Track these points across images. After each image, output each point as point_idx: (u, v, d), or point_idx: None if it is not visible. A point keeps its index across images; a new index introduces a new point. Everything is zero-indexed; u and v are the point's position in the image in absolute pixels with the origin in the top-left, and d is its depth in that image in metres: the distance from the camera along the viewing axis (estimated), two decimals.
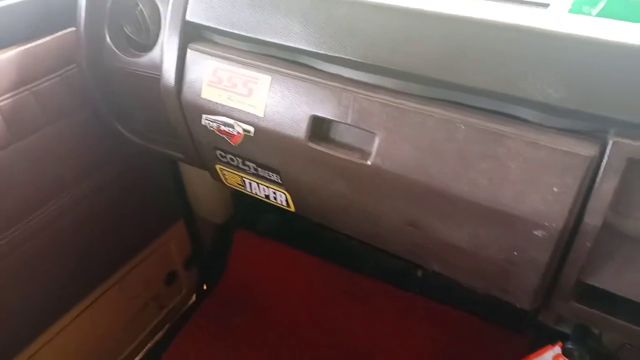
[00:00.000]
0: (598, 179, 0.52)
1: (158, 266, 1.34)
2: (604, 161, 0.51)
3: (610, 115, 0.51)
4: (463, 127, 0.57)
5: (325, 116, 0.66)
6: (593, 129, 0.53)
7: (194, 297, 1.52)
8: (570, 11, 0.62)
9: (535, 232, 0.56)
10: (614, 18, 0.60)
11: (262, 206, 0.96)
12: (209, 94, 0.74)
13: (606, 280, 0.58)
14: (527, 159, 0.55)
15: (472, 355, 1.18)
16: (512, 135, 0.55)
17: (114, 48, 0.86)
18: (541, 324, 0.76)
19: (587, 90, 0.51)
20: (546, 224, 0.55)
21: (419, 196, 0.63)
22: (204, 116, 0.75)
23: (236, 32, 0.70)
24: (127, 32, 0.85)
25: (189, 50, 0.75)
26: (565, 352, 0.67)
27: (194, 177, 1.26)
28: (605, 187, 0.52)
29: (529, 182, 0.55)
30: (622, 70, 0.50)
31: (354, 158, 0.65)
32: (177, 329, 1.38)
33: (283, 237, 1.46)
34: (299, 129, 0.68)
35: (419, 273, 1.31)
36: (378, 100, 0.62)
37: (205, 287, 1.56)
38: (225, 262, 1.49)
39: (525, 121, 0.56)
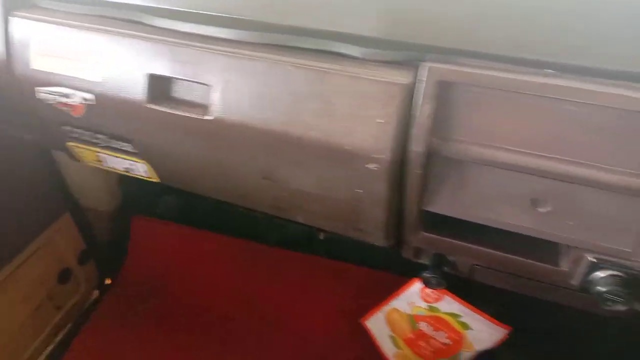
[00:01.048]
0: (416, 106, 0.54)
1: (47, 264, 1.26)
2: (418, 87, 0.53)
3: (421, 42, 0.53)
4: (291, 68, 0.57)
5: (162, 74, 0.63)
6: (409, 58, 0.55)
7: (96, 294, 1.45)
8: None
9: (369, 166, 0.58)
10: None
11: (156, 188, 0.93)
12: (40, 63, 0.69)
13: (443, 205, 0.61)
14: (350, 94, 0.55)
15: (372, 305, 1.22)
16: (335, 71, 0.56)
17: None
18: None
19: (399, 21, 0.53)
20: (376, 156, 0.56)
21: (264, 145, 0.62)
22: (37, 89, 0.70)
23: None
24: None
25: (11, 19, 0.69)
26: (423, 281, 0.70)
27: (71, 165, 1.19)
28: (424, 113, 0.53)
29: (355, 117, 0.56)
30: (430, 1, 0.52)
31: (196, 114, 0.63)
32: (79, 328, 1.31)
33: (184, 218, 1.42)
34: (138, 90, 0.65)
35: (321, 236, 1.33)
36: (211, 51, 0.60)
37: (109, 282, 1.49)
38: (126, 252, 1.43)
39: (349, 57, 0.57)
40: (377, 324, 1.00)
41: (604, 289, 0.57)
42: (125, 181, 1.32)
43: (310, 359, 1.21)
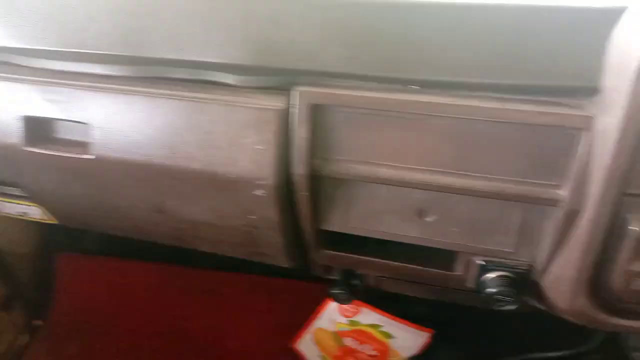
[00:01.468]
0: (292, 130, 0.54)
1: None
2: (292, 111, 0.53)
3: (291, 67, 0.53)
4: (166, 100, 0.56)
5: (38, 115, 0.61)
6: (280, 83, 0.55)
7: (26, 338, 1.38)
8: None
9: (256, 193, 0.57)
10: None
11: None
12: None
13: (336, 223, 0.61)
14: (228, 122, 0.55)
15: (307, 316, 1.22)
16: (211, 100, 0.55)
17: None
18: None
19: (268, 47, 0.52)
20: (260, 182, 0.56)
21: (149, 180, 0.61)
22: None
23: None
24: None
25: None
26: (331, 296, 0.71)
27: None
28: (300, 136, 0.53)
29: (236, 145, 0.55)
30: (293, 21, 0.51)
31: (77, 154, 0.61)
32: None
33: (112, 250, 1.38)
34: (14, 133, 0.62)
35: None
36: (84, 88, 0.58)
37: (41, 323, 1.42)
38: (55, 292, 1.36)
39: (224, 85, 0.56)
40: (306, 345, 0.99)
41: (493, 290, 0.58)
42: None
43: None
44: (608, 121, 0.43)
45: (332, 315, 0.89)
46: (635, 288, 0.50)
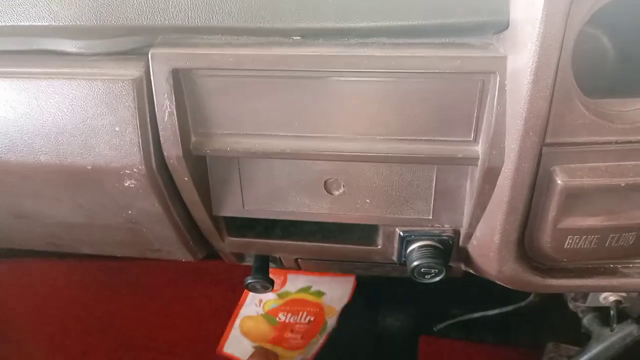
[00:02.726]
0: (155, 103, 0.43)
1: None
2: (153, 79, 0.42)
3: (144, 24, 0.42)
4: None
5: None
6: (134, 45, 0.44)
7: None
8: None
9: (127, 184, 0.47)
10: None
11: None
12: None
13: (232, 207, 0.52)
14: (74, 101, 0.43)
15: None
16: (48, 75, 0.43)
17: None
18: None
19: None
20: (127, 171, 0.46)
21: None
22: None
23: None
24: None
25: None
26: (248, 287, 0.63)
27: None
28: (164, 109, 0.43)
29: (90, 129, 0.44)
30: None
31: None
32: None
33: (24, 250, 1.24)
34: None
35: None
36: None
37: None
38: None
39: (65, 54, 0.45)
40: (235, 344, 0.90)
41: (417, 263, 0.52)
42: None
43: None
44: (520, 61, 0.36)
45: (258, 297, 0.82)
46: (568, 246, 0.45)
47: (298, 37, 0.41)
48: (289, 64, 0.41)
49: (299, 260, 0.62)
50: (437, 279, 0.53)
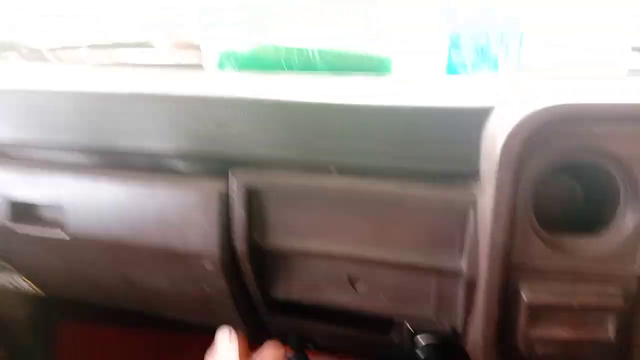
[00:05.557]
0: (232, 211, 0.62)
1: None
2: (231, 194, 0.61)
3: (230, 153, 0.61)
4: (128, 185, 0.65)
5: (20, 198, 0.70)
6: (218, 168, 0.63)
7: None
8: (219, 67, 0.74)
9: (204, 265, 0.64)
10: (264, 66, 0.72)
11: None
12: None
13: (281, 292, 0.67)
14: (179, 204, 0.63)
15: None
16: (164, 185, 0.64)
17: None
18: None
19: (206, 137, 0.61)
20: (206, 255, 0.63)
21: (115, 254, 0.69)
22: None
23: None
24: None
25: None
26: None
27: None
28: (239, 216, 0.61)
29: (185, 224, 0.63)
30: (231, 122, 0.60)
31: (55, 234, 0.70)
32: None
33: (112, 320, 1.43)
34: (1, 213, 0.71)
35: None
36: (59, 174, 0.68)
37: None
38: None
39: (174, 171, 0.65)
40: None
41: (424, 357, 0.63)
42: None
43: None
44: (484, 201, 0.50)
45: None
46: (540, 352, 0.54)
47: (334, 170, 0.59)
48: (327, 190, 0.58)
49: (329, 341, 0.74)
50: None
